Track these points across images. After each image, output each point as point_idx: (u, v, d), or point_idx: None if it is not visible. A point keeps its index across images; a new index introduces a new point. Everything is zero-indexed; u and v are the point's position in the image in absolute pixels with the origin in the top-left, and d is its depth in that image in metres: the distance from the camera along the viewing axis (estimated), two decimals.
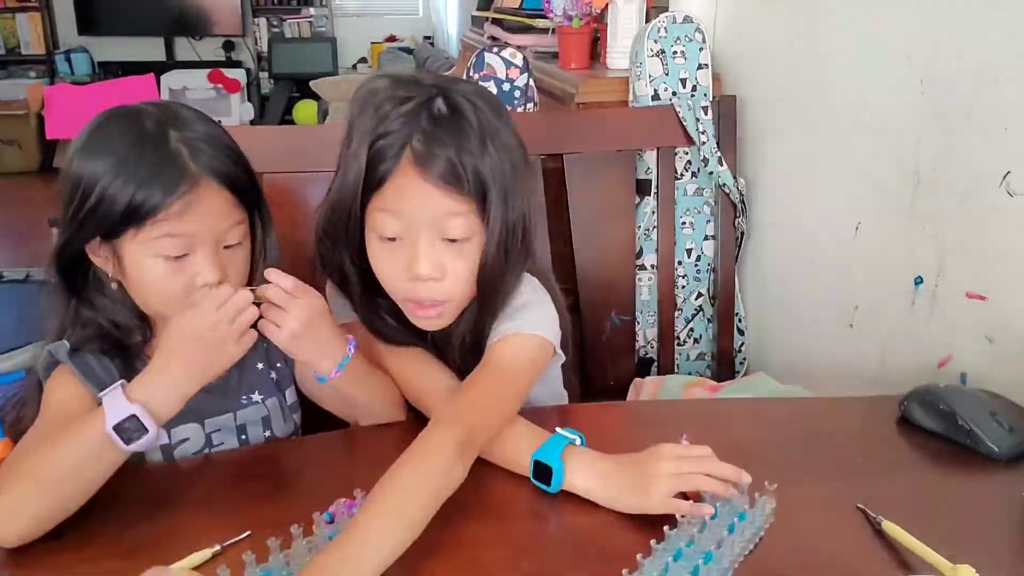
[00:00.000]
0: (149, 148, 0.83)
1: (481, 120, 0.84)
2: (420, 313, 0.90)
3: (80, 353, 0.89)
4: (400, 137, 0.83)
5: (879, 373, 1.31)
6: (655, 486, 0.77)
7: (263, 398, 0.98)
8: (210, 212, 0.85)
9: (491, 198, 0.84)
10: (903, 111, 1.21)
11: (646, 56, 1.60)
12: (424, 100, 0.84)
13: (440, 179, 0.82)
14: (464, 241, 0.86)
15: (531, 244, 0.93)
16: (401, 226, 0.85)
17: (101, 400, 0.78)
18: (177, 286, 0.86)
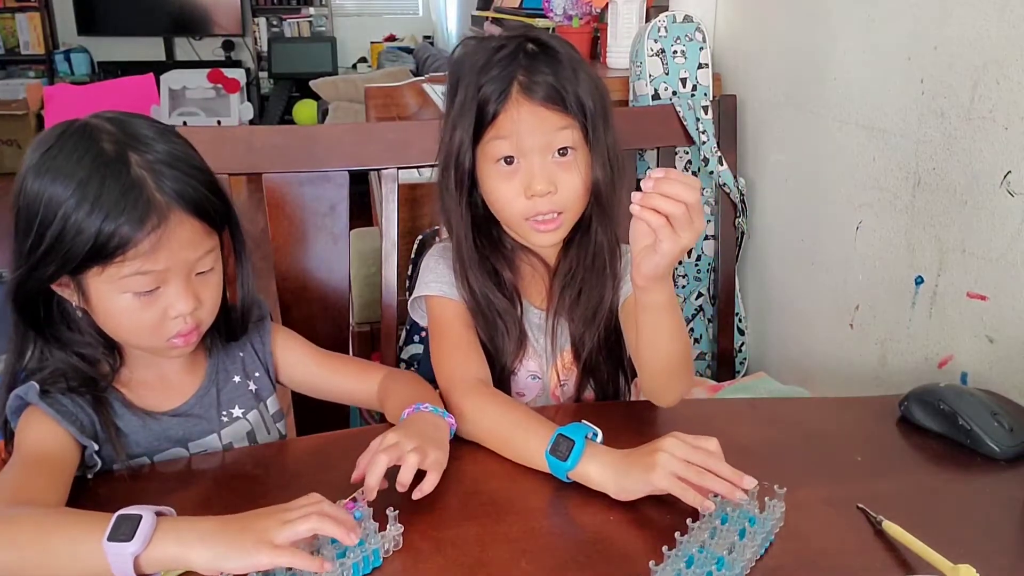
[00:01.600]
0: (110, 175, 0.77)
1: (569, 53, 0.98)
2: (541, 228, 0.99)
3: (50, 393, 0.84)
4: (505, 75, 0.95)
5: (879, 373, 1.31)
6: (660, 461, 0.78)
7: (244, 412, 0.97)
8: (182, 245, 0.80)
9: (590, 113, 0.97)
10: (903, 110, 1.21)
11: (646, 56, 1.60)
12: (516, 44, 0.97)
13: (547, 99, 0.95)
14: (572, 151, 0.97)
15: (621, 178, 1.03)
16: (515, 149, 0.96)
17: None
18: (149, 319, 0.82)
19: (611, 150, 1.00)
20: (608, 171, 0.99)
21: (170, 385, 0.93)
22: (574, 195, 0.98)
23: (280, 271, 1.30)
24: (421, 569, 0.72)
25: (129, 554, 0.65)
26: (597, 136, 0.98)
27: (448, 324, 1.04)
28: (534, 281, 1.09)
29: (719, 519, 0.75)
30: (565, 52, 0.97)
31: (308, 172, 1.28)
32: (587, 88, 0.97)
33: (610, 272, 1.05)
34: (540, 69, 0.95)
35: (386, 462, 0.77)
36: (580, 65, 0.98)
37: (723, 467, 0.78)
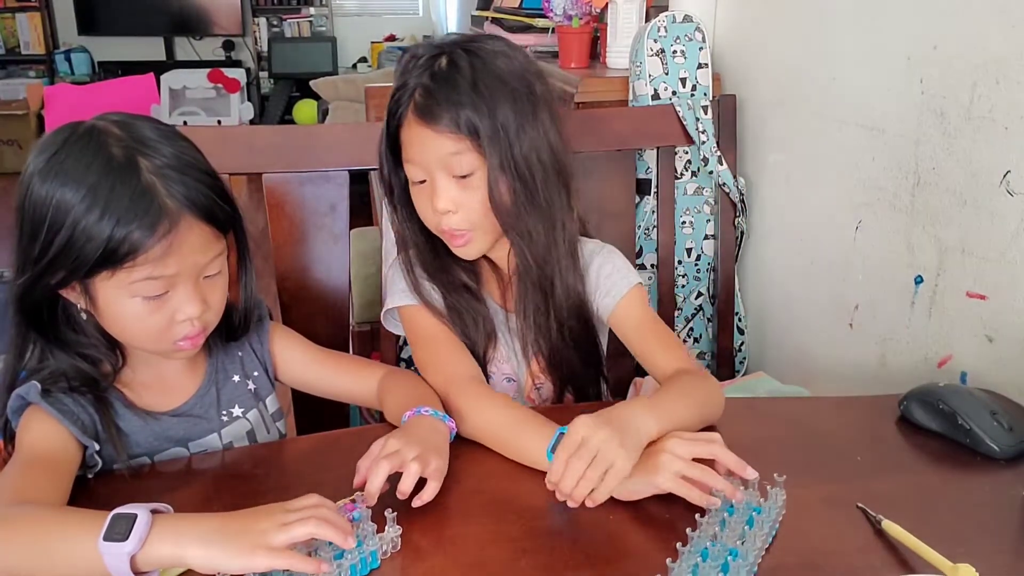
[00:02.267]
0: (120, 180, 0.77)
1: (476, 70, 0.94)
2: (454, 243, 1.01)
3: (51, 393, 0.84)
4: (408, 92, 0.96)
5: (879, 373, 1.31)
6: (664, 462, 0.78)
7: (244, 411, 0.97)
8: (192, 250, 0.81)
9: (484, 136, 0.94)
10: (903, 111, 1.22)
11: (646, 55, 1.60)
12: (430, 58, 0.96)
13: (437, 124, 0.94)
14: (472, 175, 0.96)
15: (567, 177, 1.02)
16: (421, 170, 0.97)
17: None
18: (157, 323, 0.82)
19: (522, 165, 0.96)
20: (515, 187, 0.96)
21: (170, 385, 0.93)
22: (477, 216, 0.98)
23: (280, 271, 1.30)
24: (421, 568, 0.72)
25: (125, 554, 0.65)
26: (495, 157, 0.94)
27: (426, 328, 1.05)
28: (493, 281, 1.10)
29: (726, 511, 0.76)
30: (471, 69, 0.94)
31: (308, 172, 1.28)
32: (488, 109, 0.93)
33: (540, 285, 1.03)
34: (436, 91, 0.94)
35: (388, 469, 0.77)
36: (488, 80, 0.94)
37: (728, 456, 0.79)
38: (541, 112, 0.98)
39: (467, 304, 1.06)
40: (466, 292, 1.06)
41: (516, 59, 0.99)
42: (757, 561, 0.72)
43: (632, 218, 1.50)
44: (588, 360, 1.11)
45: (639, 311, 1.07)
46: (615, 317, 1.07)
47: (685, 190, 1.65)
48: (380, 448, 0.80)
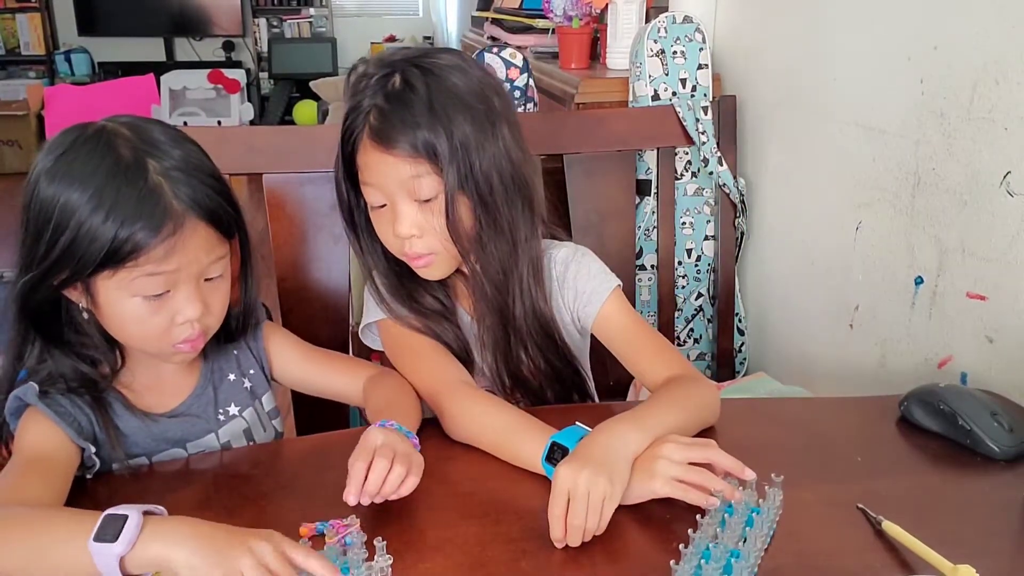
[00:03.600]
0: (128, 181, 0.77)
1: (432, 89, 0.91)
2: (416, 264, 0.98)
3: (49, 394, 0.84)
4: (362, 113, 0.92)
5: (879, 373, 1.31)
6: (660, 468, 0.78)
7: (240, 410, 0.97)
8: (194, 250, 0.81)
9: (443, 157, 0.91)
10: (903, 111, 1.21)
11: (646, 56, 1.60)
12: (382, 76, 0.93)
13: (395, 149, 0.91)
14: (434, 199, 0.93)
15: (528, 189, 0.98)
16: (380, 194, 0.94)
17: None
18: (157, 324, 0.82)
19: (482, 182, 0.93)
20: (476, 211, 0.94)
21: (168, 386, 0.93)
22: (442, 238, 0.95)
23: (280, 271, 1.30)
24: (421, 569, 0.72)
25: (114, 555, 0.65)
26: (453, 178, 0.91)
27: (406, 340, 1.03)
28: (464, 294, 1.07)
29: (725, 510, 0.76)
30: (426, 89, 0.91)
31: (308, 172, 1.28)
32: (446, 130, 0.90)
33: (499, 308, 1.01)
34: (390, 113, 0.90)
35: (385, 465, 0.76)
36: (445, 99, 0.91)
37: (724, 458, 0.79)
38: (501, 127, 0.95)
39: (439, 326, 1.03)
40: (437, 314, 1.04)
41: (472, 73, 0.95)
42: (757, 562, 0.72)
43: (632, 219, 1.50)
44: (559, 376, 1.08)
45: (621, 316, 1.05)
46: (597, 325, 1.05)
47: (685, 191, 1.65)
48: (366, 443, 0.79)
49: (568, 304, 1.07)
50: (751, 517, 0.75)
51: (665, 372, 0.98)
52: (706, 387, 0.97)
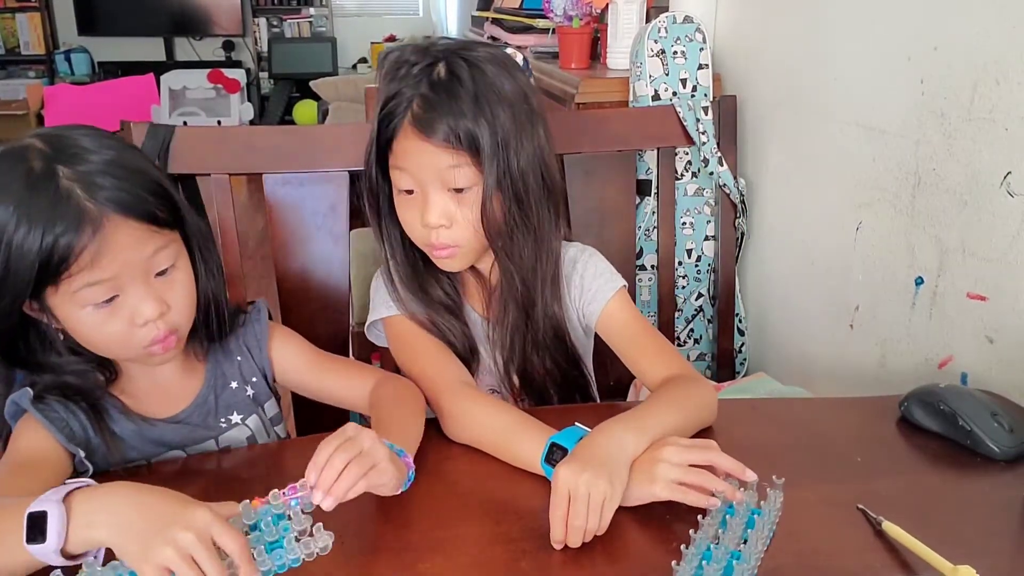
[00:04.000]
0: (40, 190, 0.75)
1: (477, 82, 0.92)
2: (438, 255, 0.99)
3: (45, 399, 0.84)
4: (404, 101, 0.92)
5: (879, 373, 1.31)
6: (661, 471, 0.78)
7: (242, 417, 0.97)
8: (125, 249, 0.78)
9: (484, 153, 0.92)
10: (903, 111, 1.21)
11: (646, 56, 1.60)
12: (426, 65, 0.93)
13: (437, 138, 0.91)
14: (468, 190, 0.94)
15: (556, 190, 1.00)
16: (412, 180, 0.95)
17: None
18: (117, 329, 0.81)
19: (518, 180, 0.94)
20: (508, 204, 0.95)
21: (168, 391, 0.93)
22: (470, 231, 0.96)
23: (280, 271, 1.30)
24: (420, 569, 0.72)
25: (51, 551, 0.64)
26: (492, 173, 0.92)
27: (411, 338, 1.03)
28: (476, 292, 1.08)
29: (726, 511, 0.76)
30: (472, 81, 0.91)
31: (308, 172, 1.28)
32: (489, 123, 0.91)
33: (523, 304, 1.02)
34: (436, 103, 0.91)
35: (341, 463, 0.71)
36: (489, 94, 0.92)
37: (725, 460, 0.79)
38: (537, 126, 0.97)
39: (447, 322, 1.04)
40: (445, 310, 1.04)
41: (512, 71, 0.96)
42: (757, 563, 0.72)
43: (632, 219, 1.50)
44: (566, 377, 1.09)
45: (624, 315, 1.06)
46: (601, 323, 1.06)
47: (685, 191, 1.65)
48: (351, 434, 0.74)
49: (574, 301, 1.07)
50: (752, 518, 0.75)
51: (665, 372, 0.98)
52: (704, 387, 0.97)
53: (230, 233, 1.27)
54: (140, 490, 0.68)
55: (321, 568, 0.71)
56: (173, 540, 0.64)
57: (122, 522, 0.66)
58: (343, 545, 0.74)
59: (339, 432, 0.74)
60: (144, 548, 0.64)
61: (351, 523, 0.77)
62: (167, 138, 1.20)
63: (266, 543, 0.69)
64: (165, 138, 1.20)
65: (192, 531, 0.64)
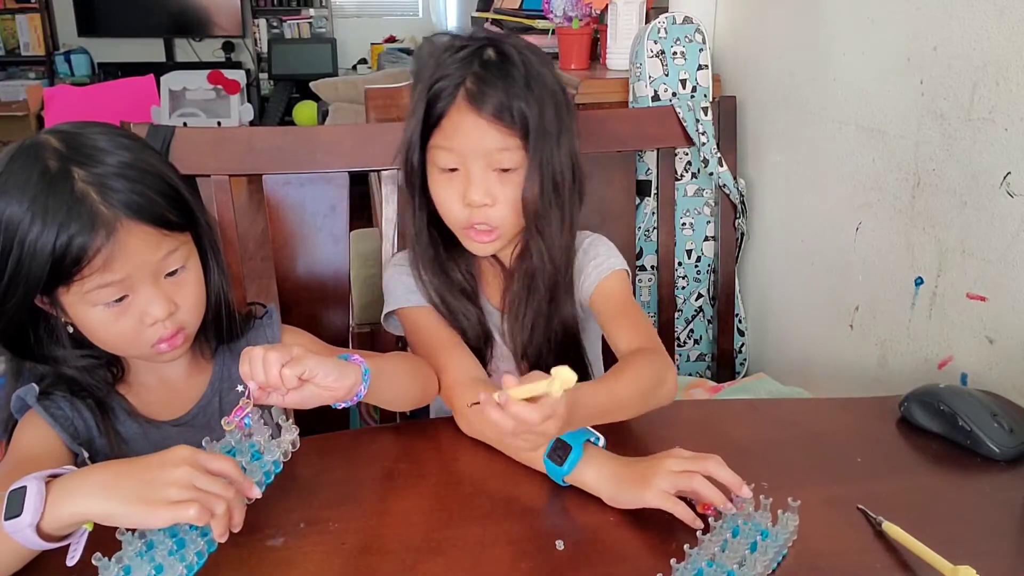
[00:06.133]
0: (56, 191, 0.76)
1: (527, 65, 0.95)
2: (476, 238, 1.00)
3: (51, 396, 0.84)
4: (455, 79, 0.94)
5: (879, 373, 1.31)
6: (655, 480, 0.78)
7: None
8: (137, 252, 0.79)
9: (532, 131, 0.94)
10: (903, 111, 1.22)
11: (646, 57, 1.60)
12: (476, 48, 0.95)
13: (490, 114, 0.93)
14: (513, 171, 0.96)
15: (583, 188, 1.03)
16: (457, 159, 0.96)
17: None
18: (127, 328, 0.81)
19: (557, 169, 0.97)
20: (547, 191, 0.97)
21: (174, 392, 0.93)
22: (512, 211, 0.98)
23: (280, 272, 1.30)
24: (421, 570, 0.72)
25: (26, 526, 0.64)
26: (537, 155, 0.95)
27: (426, 330, 1.04)
28: (493, 281, 1.09)
29: (731, 532, 0.75)
30: (523, 65, 0.95)
31: (308, 173, 1.28)
32: (537, 105, 0.94)
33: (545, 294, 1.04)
34: (491, 80, 0.93)
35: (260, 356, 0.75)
36: (537, 80, 0.95)
37: (724, 473, 0.78)
38: (572, 122, 1.00)
39: (463, 308, 1.05)
40: (463, 294, 1.06)
41: (548, 63, 1.00)
42: None
43: (632, 219, 1.50)
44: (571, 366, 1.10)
45: (616, 292, 1.06)
46: (593, 298, 1.07)
47: (685, 191, 1.65)
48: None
49: (579, 285, 1.09)
50: (755, 542, 0.73)
51: (635, 344, 0.99)
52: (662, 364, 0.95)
53: (230, 234, 1.27)
54: (113, 462, 0.69)
55: (321, 568, 0.72)
56: (171, 480, 0.64)
57: (106, 490, 0.66)
58: (343, 545, 0.74)
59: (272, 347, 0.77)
60: (145, 502, 0.64)
61: (351, 523, 0.77)
62: (167, 139, 1.21)
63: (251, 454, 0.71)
64: (165, 139, 1.20)
65: (183, 465, 0.65)
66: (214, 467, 0.68)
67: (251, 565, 0.71)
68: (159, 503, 0.64)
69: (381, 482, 0.85)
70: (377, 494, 0.82)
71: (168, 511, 0.64)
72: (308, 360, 0.77)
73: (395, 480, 0.84)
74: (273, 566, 0.72)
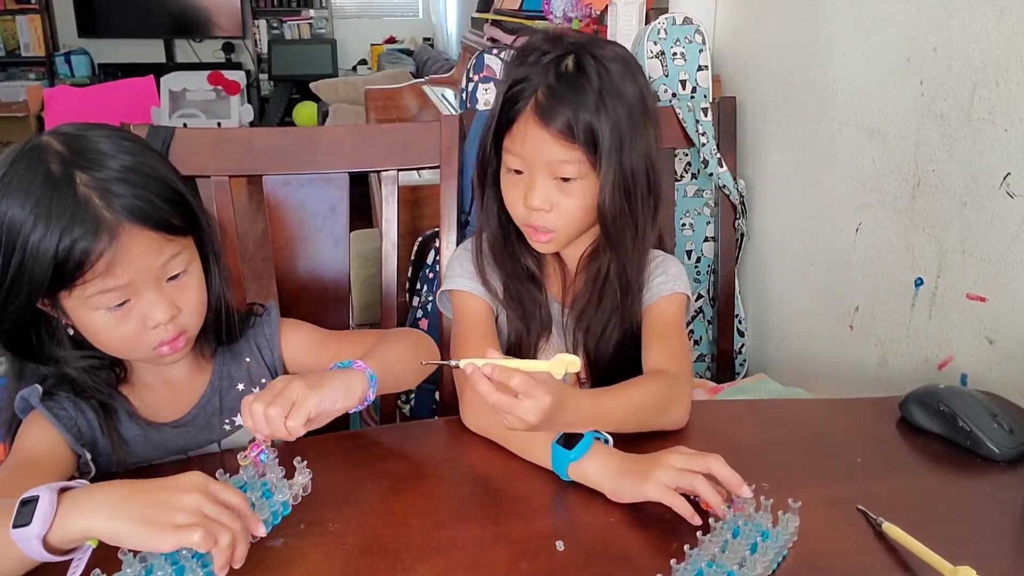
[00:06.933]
0: (57, 196, 0.75)
1: (603, 79, 0.95)
2: (535, 237, 1.03)
3: (55, 397, 0.85)
4: (530, 87, 0.96)
5: (879, 374, 1.31)
6: (657, 472, 0.79)
7: None
8: (139, 257, 0.79)
9: (602, 147, 0.95)
10: (903, 112, 1.22)
11: (646, 58, 1.60)
12: (556, 56, 0.96)
13: (557, 130, 0.94)
14: (574, 181, 0.98)
15: (658, 192, 1.04)
16: (522, 163, 0.99)
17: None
18: (128, 331, 0.81)
19: (629, 179, 0.98)
20: (620, 199, 0.98)
21: (175, 391, 0.93)
22: (569, 219, 1.00)
23: (280, 272, 1.30)
24: (421, 570, 0.72)
25: (33, 537, 0.64)
26: (611, 166, 0.96)
27: (468, 318, 1.07)
28: (555, 276, 1.12)
29: (731, 532, 0.74)
30: (599, 78, 0.95)
31: (308, 174, 1.28)
32: (610, 119, 0.95)
33: (617, 303, 1.05)
34: (562, 95, 0.94)
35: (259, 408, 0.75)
36: (612, 94, 0.95)
37: (725, 471, 0.79)
38: (650, 127, 1.00)
39: (528, 292, 1.08)
40: (529, 281, 1.08)
41: (634, 71, 1.00)
42: None
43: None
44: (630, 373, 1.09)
45: (668, 314, 1.07)
46: (646, 313, 1.08)
47: (685, 192, 1.65)
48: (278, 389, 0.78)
49: (644, 300, 1.10)
50: (755, 543, 0.73)
51: (660, 365, 1.00)
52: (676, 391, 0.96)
53: (230, 234, 1.27)
54: (126, 481, 0.68)
55: (321, 569, 0.72)
56: (180, 505, 0.64)
57: (116, 509, 0.65)
58: (343, 546, 0.74)
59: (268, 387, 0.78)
60: (151, 524, 0.64)
61: (351, 523, 0.77)
62: (167, 140, 1.21)
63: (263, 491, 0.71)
64: (165, 140, 1.20)
65: (195, 492, 0.65)
66: (224, 498, 0.67)
67: (251, 565, 0.71)
68: (165, 526, 0.64)
69: (381, 482, 0.85)
70: (377, 494, 0.82)
71: (173, 535, 0.64)
72: (309, 401, 0.78)
73: (395, 480, 0.84)
74: (273, 566, 0.72)
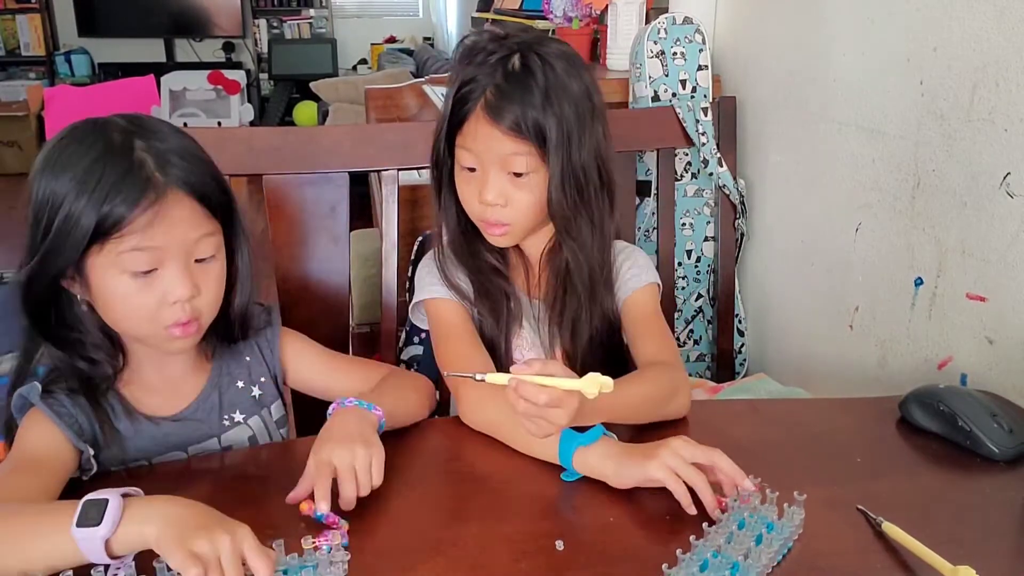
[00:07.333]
0: (111, 162, 0.79)
1: (548, 77, 0.97)
2: (490, 231, 1.05)
3: (53, 393, 0.85)
4: (479, 87, 0.98)
5: (879, 374, 1.31)
6: (661, 452, 0.80)
7: (245, 417, 0.97)
8: (178, 223, 0.81)
9: (550, 142, 0.97)
10: (903, 112, 1.22)
11: (646, 57, 1.60)
12: (503, 56, 0.98)
13: (505, 126, 0.97)
14: (526, 176, 1.00)
15: (611, 185, 1.06)
16: (475, 159, 1.01)
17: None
18: (147, 303, 0.82)
19: (580, 173, 1.00)
20: (571, 193, 1.00)
21: (173, 388, 0.93)
22: (522, 213, 1.02)
23: (280, 272, 1.30)
24: (421, 570, 0.72)
25: (99, 538, 0.65)
26: (559, 161, 0.98)
27: (449, 324, 1.07)
28: (519, 269, 1.13)
29: (736, 524, 0.75)
30: (544, 77, 0.97)
31: (308, 173, 1.28)
32: (555, 116, 0.96)
33: (587, 294, 1.07)
34: (509, 94, 0.96)
35: (326, 486, 0.77)
36: (558, 91, 0.97)
37: (727, 464, 0.80)
38: (597, 123, 1.02)
39: (495, 284, 1.09)
40: (492, 272, 1.10)
41: (579, 68, 1.02)
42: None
43: (632, 220, 1.50)
44: (609, 360, 1.12)
45: (645, 304, 1.10)
46: (624, 307, 1.11)
47: (685, 192, 1.65)
48: (313, 466, 0.79)
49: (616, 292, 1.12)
50: (760, 535, 0.73)
51: (656, 356, 1.02)
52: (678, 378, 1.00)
53: None
54: (193, 503, 0.70)
55: None
56: (211, 538, 0.65)
57: (172, 520, 0.67)
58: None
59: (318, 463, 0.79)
60: (183, 537, 0.65)
61: (351, 523, 0.77)
62: None
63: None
64: None
65: (230, 538, 0.66)
66: (253, 561, 0.67)
67: None
68: (183, 544, 0.65)
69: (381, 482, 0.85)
70: (377, 494, 0.82)
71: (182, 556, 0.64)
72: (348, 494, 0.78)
73: (395, 480, 0.84)
74: None
